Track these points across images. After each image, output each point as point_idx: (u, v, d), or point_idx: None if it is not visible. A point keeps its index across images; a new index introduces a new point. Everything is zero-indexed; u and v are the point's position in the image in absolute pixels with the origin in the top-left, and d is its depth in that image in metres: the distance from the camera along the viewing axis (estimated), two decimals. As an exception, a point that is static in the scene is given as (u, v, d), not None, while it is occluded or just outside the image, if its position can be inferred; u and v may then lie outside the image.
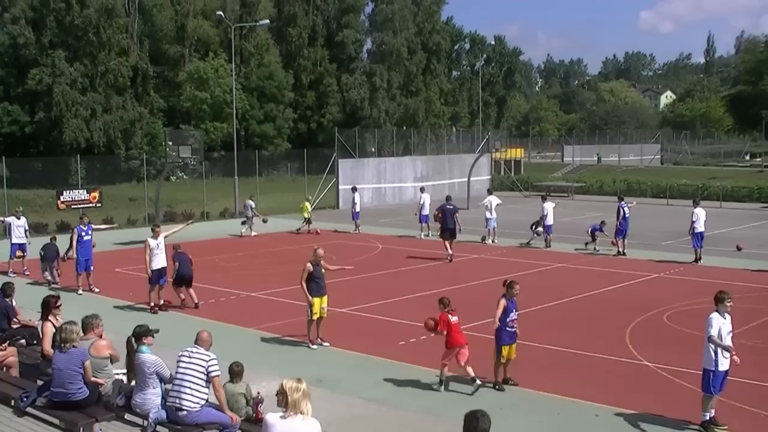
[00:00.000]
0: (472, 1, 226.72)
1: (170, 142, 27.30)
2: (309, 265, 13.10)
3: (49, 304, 10.18)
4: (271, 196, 37.93)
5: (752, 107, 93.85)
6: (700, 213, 21.86)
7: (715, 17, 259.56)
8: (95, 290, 18.05)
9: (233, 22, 48.41)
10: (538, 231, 24.92)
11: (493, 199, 26.44)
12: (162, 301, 16.22)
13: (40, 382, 8.80)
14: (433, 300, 11.59)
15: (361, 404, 10.40)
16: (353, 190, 30.48)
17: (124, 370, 9.10)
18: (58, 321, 9.67)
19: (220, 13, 47.09)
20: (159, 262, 16.00)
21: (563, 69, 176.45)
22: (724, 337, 9.29)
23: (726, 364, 9.33)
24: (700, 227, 21.75)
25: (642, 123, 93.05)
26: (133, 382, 8.52)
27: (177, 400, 7.80)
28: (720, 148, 78.36)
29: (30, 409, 8.26)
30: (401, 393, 10.88)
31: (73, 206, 29.20)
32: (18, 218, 20.86)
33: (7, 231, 21.39)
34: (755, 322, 14.25)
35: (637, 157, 69.38)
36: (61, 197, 29.41)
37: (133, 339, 8.49)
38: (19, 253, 20.53)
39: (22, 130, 49.62)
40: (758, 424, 9.71)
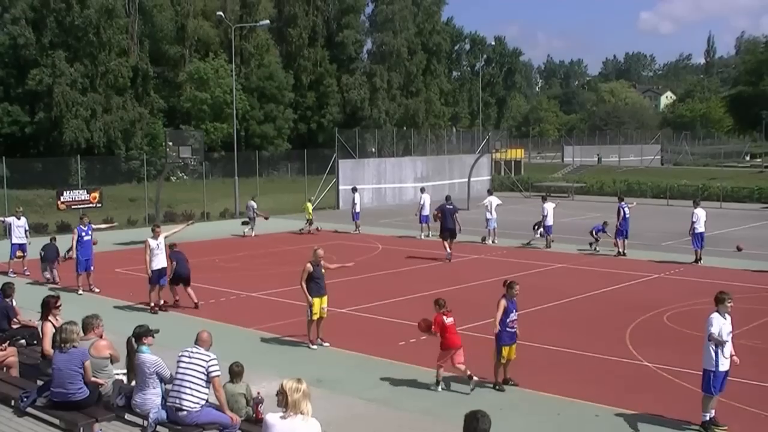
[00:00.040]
0: (472, 2, 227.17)
1: (170, 143, 27.34)
2: (309, 265, 13.11)
3: (49, 305, 10.19)
4: (271, 197, 37.94)
5: (752, 108, 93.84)
6: (701, 213, 21.85)
7: (715, 18, 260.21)
8: (95, 290, 18.06)
9: (233, 23, 48.40)
10: (541, 231, 24.93)
11: (494, 200, 26.44)
12: (162, 302, 16.24)
13: (40, 382, 8.81)
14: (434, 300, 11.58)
15: (361, 404, 10.40)
16: (353, 190, 30.48)
17: (125, 371, 9.10)
18: (58, 321, 9.68)
19: (220, 13, 47.10)
20: (159, 262, 16.03)
21: (563, 69, 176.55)
22: (724, 337, 9.29)
23: (726, 364, 9.34)
24: (701, 228, 21.74)
25: (642, 123, 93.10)
26: (134, 383, 8.52)
27: (177, 401, 7.80)
28: (720, 149, 78.35)
29: (30, 409, 8.26)
30: (401, 393, 10.88)
31: (73, 206, 29.23)
32: (18, 218, 20.87)
33: (7, 231, 21.39)
34: (755, 323, 14.25)
35: (637, 158, 69.36)
36: (62, 197, 29.44)
37: (134, 339, 8.50)
38: (19, 254, 20.54)
39: (22, 130, 49.67)
40: (758, 424, 9.71)
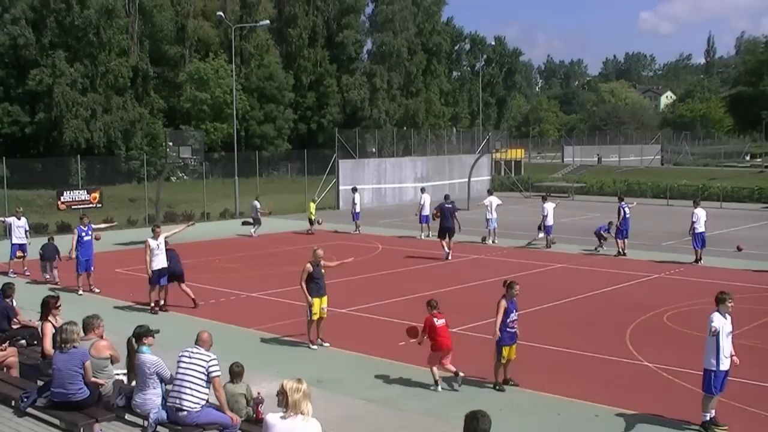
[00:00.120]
0: (472, 2, 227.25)
1: (170, 143, 27.35)
2: (308, 265, 13.11)
3: (49, 305, 10.20)
4: (271, 197, 37.88)
5: (752, 108, 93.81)
6: (701, 213, 21.85)
7: (715, 18, 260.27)
8: (95, 290, 18.05)
9: (233, 23, 48.40)
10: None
11: (494, 200, 26.43)
12: (162, 302, 16.22)
13: (41, 383, 8.81)
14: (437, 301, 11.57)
15: (361, 404, 10.40)
16: (353, 190, 30.49)
17: (125, 371, 9.10)
18: (58, 321, 9.68)
19: (221, 13, 47.08)
20: (159, 262, 16.02)
21: (563, 70, 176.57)
22: (724, 338, 9.29)
23: (727, 363, 9.34)
24: (701, 228, 21.74)
25: (642, 124, 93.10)
26: (134, 383, 8.52)
27: (177, 401, 7.80)
28: (720, 149, 78.31)
29: (30, 410, 8.27)
30: (401, 393, 10.88)
31: (73, 207, 29.23)
32: (18, 219, 20.86)
33: (7, 231, 21.38)
34: (755, 323, 14.24)
35: (637, 158, 69.35)
36: (62, 198, 29.44)
37: (134, 339, 8.50)
38: (19, 254, 20.52)
39: (22, 130, 49.68)
40: (758, 424, 9.71)
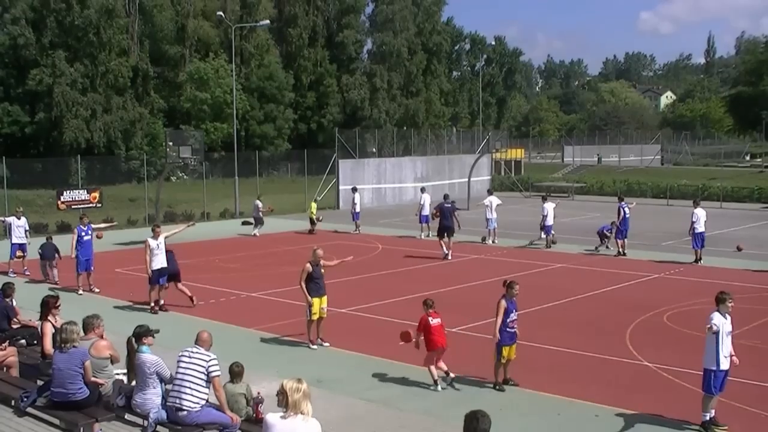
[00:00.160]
0: (472, 2, 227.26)
1: (170, 143, 27.33)
2: (308, 265, 13.11)
3: (48, 305, 10.20)
4: (271, 197, 37.84)
5: (752, 108, 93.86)
6: (701, 213, 21.84)
7: (715, 18, 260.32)
8: (95, 290, 18.05)
9: (233, 23, 48.40)
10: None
11: (494, 200, 26.42)
12: (162, 302, 16.22)
13: (40, 382, 8.81)
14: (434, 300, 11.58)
15: (361, 404, 10.39)
16: (353, 190, 30.48)
17: (125, 370, 9.10)
18: (58, 321, 9.68)
19: (221, 13, 47.12)
20: (159, 262, 16.02)
21: (563, 70, 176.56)
22: (724, 338, 9.29)
23: (726, 363, 9.34)
24: (701, 228, 21.73)
25: (642, 123, 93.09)
26: (134, 383, 8.52)
27: (177, 401, 7.80)
28: (720, 149, 78.33)
29: (30, 410, 8.26)
30: (401, 393, 10.88)
31: (73, 206, 29.21)
32: (18, 218, 20.86)
33: (7, 231, 21.38)
34: (755, 323, 14.24)
35: (637, 158, 69.34)
36: (62, 197, 29.42)
37: (134, 339, 8.49)
38: (19, 254, 20.52)
39: (22, 130, 49.70)
40: (758, 424, 9.71)
